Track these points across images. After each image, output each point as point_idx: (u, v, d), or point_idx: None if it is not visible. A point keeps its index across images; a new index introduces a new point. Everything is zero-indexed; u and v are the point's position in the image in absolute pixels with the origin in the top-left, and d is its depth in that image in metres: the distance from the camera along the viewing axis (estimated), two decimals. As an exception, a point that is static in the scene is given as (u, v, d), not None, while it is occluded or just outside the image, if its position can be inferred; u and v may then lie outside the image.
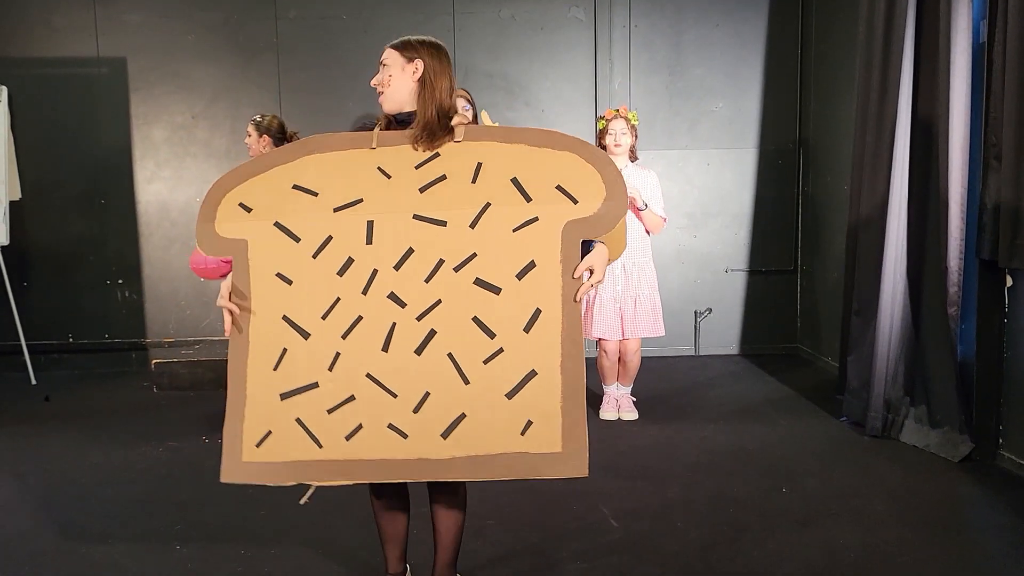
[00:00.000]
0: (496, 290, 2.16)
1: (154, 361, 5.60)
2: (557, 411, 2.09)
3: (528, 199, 2.20)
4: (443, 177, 2.24)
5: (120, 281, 6.16)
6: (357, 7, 6.01)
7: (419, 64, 2.32)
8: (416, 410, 2.15)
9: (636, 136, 4.58)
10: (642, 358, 4.76)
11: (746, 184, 6.24)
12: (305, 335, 2.22)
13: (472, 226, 2.20)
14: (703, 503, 3.37)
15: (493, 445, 2.11)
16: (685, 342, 6.33)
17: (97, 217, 6.08)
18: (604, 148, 4.55)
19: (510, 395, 2.12)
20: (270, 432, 2.21)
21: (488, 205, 2.21)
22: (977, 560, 2.85)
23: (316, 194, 2.28)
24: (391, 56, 2.34)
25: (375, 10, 6.02)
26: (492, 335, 2.15)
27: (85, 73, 6.04)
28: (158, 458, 4.10)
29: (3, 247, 5.72)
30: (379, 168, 2.28)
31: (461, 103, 4.71)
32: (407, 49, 2.34)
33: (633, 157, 4.59)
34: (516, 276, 2.16)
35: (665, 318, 4.73)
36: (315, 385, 2.21)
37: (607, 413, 4.66)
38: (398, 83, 2.33)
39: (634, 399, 4.74)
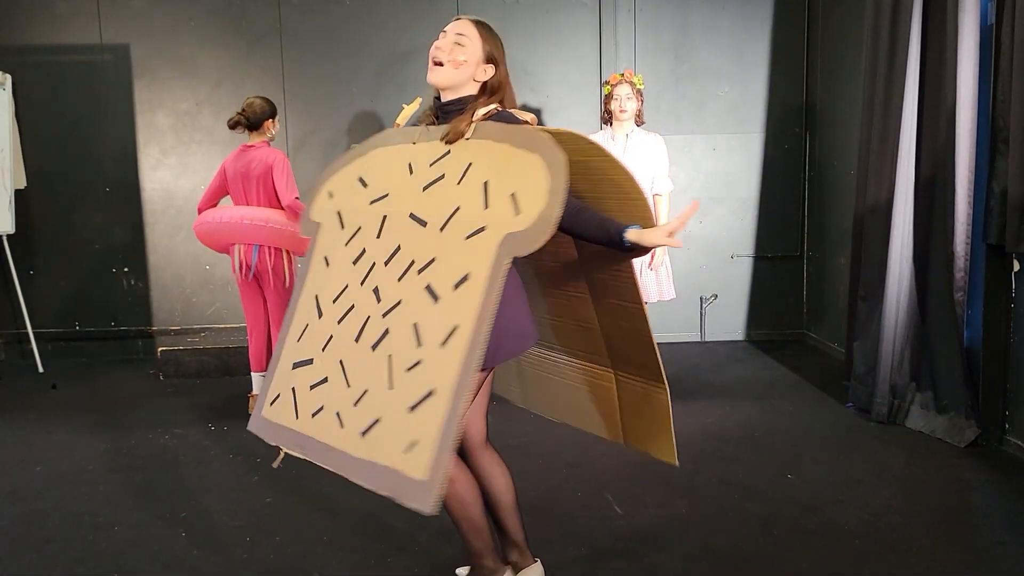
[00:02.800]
0: (436, 298, 2.05)
1: (160, 349, 5.61)
2: (436, 437, 1.91)
3: (486, 206, 2.05)
4: (442, 176, 2.20)
5: (126, 269, 6.16)
6: (360, -8, 5.99)
7: (491, 70, 2.25)
8: (356, 403, 2.11)
9: (642, 100, 4.54)
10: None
11: (752, 169, 6.21)
12: (320, 315, 2.32)
13: (441, 229, 2.11)
14: (708, 489, 3.37)
15: (385, 455, 1.99)
16: (691, 328, 6.32)
17: (102, 205, 6.08)
18: (609, 114, 4.51)
19: (411, 409, 1.99)
20: (279, 395, 2.33)
21: (458, 209, 2.10)
22: (983, 545, 2.84)
23: (367, 186, 2.38)
24: (473, 39, 2.21)
25: (379, -5, 5.99)
26: (420, 344, 2.04)
27: (89, 60, 6.03)
28: (164, 445, 4.11)
29: (9, 235, 5.73)
30: (408, 164, 2.31)
31: None
32: (492, 40, 2.24)
33: (640, 121, 4.55)
34: (453, 286, 2.03)
35: (671, 304, 4.71)
36: (310, 361, 2.29)
37: (612, 399, 4.64)
38: (466, 71, 2.22)
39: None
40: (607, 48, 6.07)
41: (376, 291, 2.20)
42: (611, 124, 4.55)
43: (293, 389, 2.29)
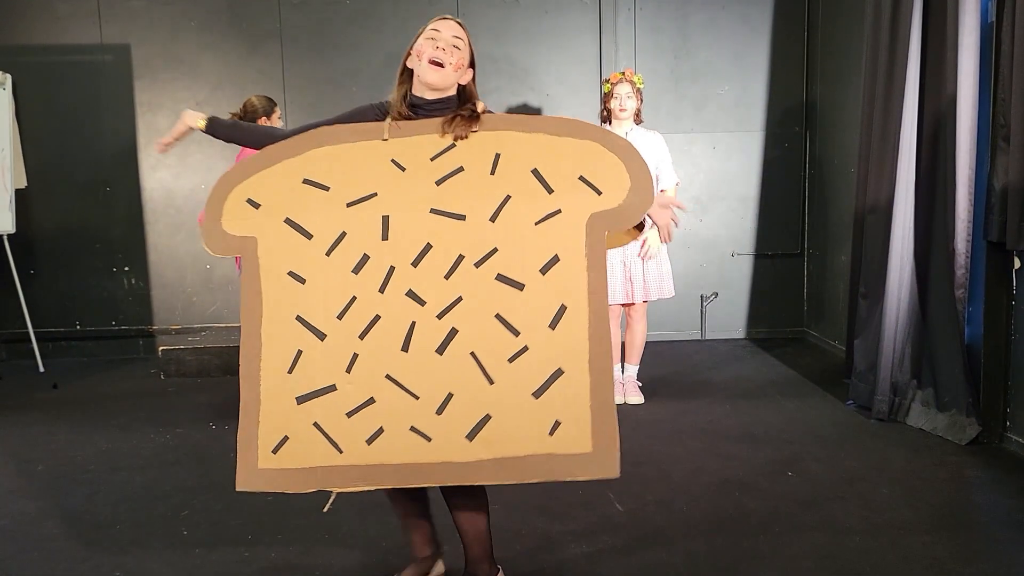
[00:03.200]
0: (519, 286, 2.09)
1: (161, 348, 5.61)
2: (586, 410, 2.02)
3: (550, 191, 2.12)
4: (460, 169, 2.17)
5: (126, 268, 6.17)
6: (360, -8, 5.99)
7: (470, 73, 2.30)
8: (439, 411, 2.09)
9: (642, 100, 4.54)
10: (648, 341, 4.75)
11: (752, 167, 6.21)
12: (321, 336, 2.15)
13: (492, 220, 2.13)
14: (708, 486, 3.37)
15: (520, 447, 2.04)
16: (691, 326, 6.32)
17: (103, 204, 6.09)
18: (609, 112, 4.52)
19: (536, 394, 2.05)
20: (287, 438, 2.14)
21: (508, 198, 2.13)
22: (984, 543, 2.84)
23: (327, 188, 2.20)
24: (463, 36, 2.26)
25: (378, -6, 6.00)
26: (516, 333, 2.08)
27: (89, 60, 6.04)
28: (165, 444, 4.11)
29: (9, 235, 5.74)
30: (393, 160, 2.20)
31: None
32: (472, 47, 2.29)
33: (638, 120, 4.55)
34: (540, 271, 2.09)
35: (671, 302, 4.71)
36: (333, 388, 2.13)
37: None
38: (460, 74, 2.26)
39: (640, 383, 4.73)
40: (607, 48, 6.07)
41: (413, 294, 2.12)
42: (610, 123, 4.55)
43: (317, 424, 2.12)
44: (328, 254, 2.17)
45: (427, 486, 2.20)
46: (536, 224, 2.11)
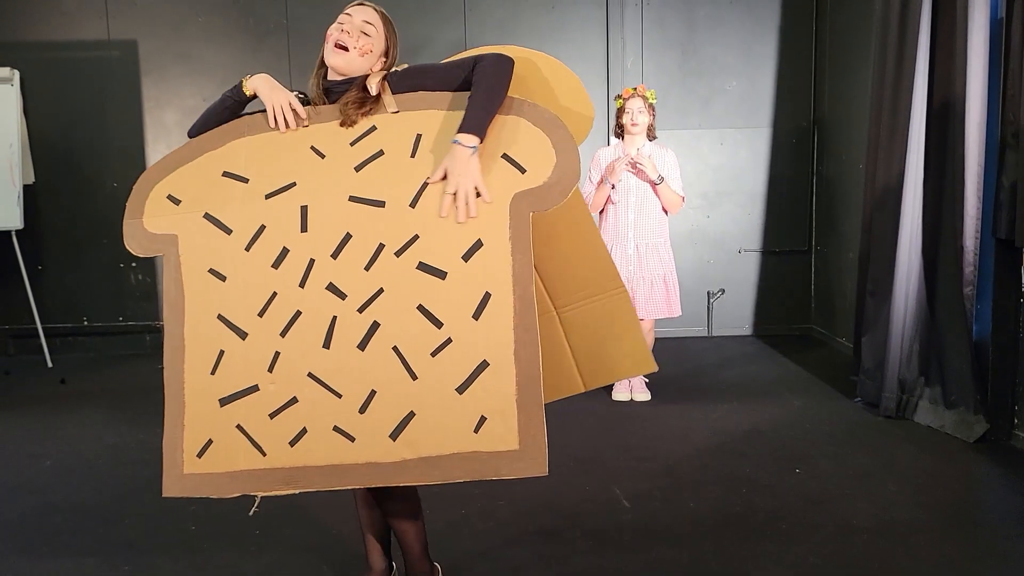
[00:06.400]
0: (441, 274, 1.96)
1: (168, 343, 5.62)
2: (512, 405, 1.89)
3: None
4: (380, 153, 2.05)
5: (133, 264, 6.18)
6: (367, -13, 5.98)
7: (391, 49, 2.20)
8: (362, 410, 1.97)
9: (654, 115, 4.53)
10: (655, 339, 4.75)
11: (760, 163, 6.19)
12: (242, 335, 2.05)
13: (412, 205, 2.00)
14: (716, 483, 3.37)
15: (445, 445, 1.92)
16: (698, 323, 6.31)
17: (110, 200, 6.10)
18: (621, 127, 4.51)
19: (460, 389, 1.92)
20: (211, 441, 2.04)
21: (427, 181, 2.01)
22: (992, 541, 2.83)
23: (247, 180, 2.10)
24: (379, 29, 2.16)
25: (385, -10, 5.99)
26: (439, 324, 1.95)
27: (97, 56, 6.05)
28: (173, 440, 4.12)
29: (18, 231, 5.75)
30: (312, 147, 2.09)
31: None
32: (389, 28, 2.19)
33: (652, 136, 4.55)
34: (462, 258, 1.95)
35: (679, 299, 4.71)
36: (255, 388, 2.03)
37: (619, 394, 4.65)
38: (368, 61, 2.15)
39: (647, 380, 4.73)
40: (614, 43, 6.05)
41: (333, 288, 2.01)
42: (622, 138, 4.54)
43: (240, 426, 2.03)
44: (247, 249, 2.07)
45: (349, 488, 2.09)
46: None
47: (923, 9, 3.97)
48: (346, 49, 2.13)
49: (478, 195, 1.97)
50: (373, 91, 2.11)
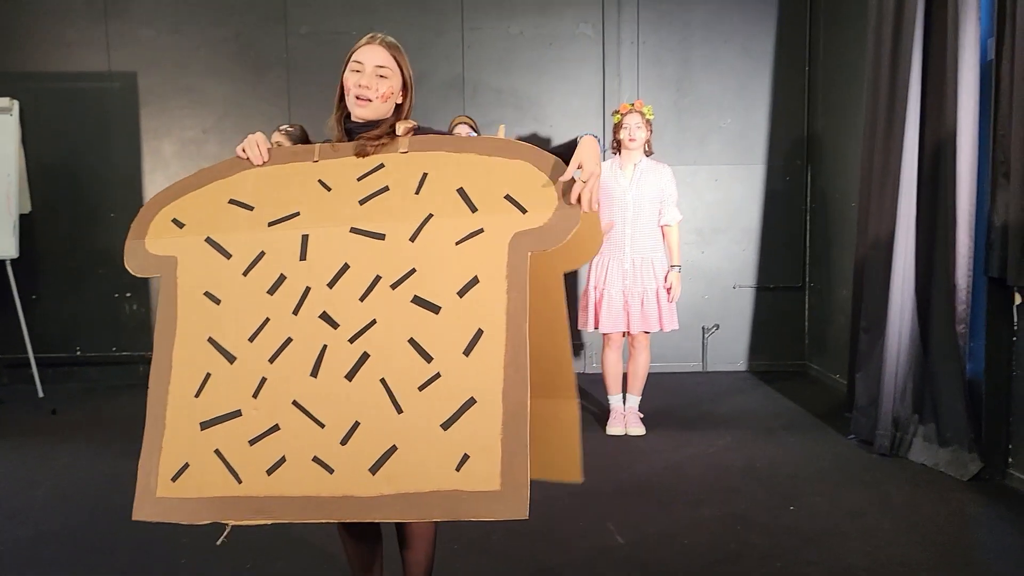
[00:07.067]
0: (435, 309, 1.97)
1: (162, 374, 5.60)
2: (497, 444, 1.85)
3: (474, 209, 2.02)
4: (385, 188, 2.09)
5: (128, 295, 6.18)
6: (367, 23, 6.04)
7: (411, 89, 2.23)
8: (344, 442, 1.94)
9: (651, 131, 4.59)
10: (650, 373, 4.75)
11: (754, 200, 6.24)
12: (231, 358, 2.05)
13: (412, 239, 2.02)
14: (710, 520, 3.35)
15: (425, 482, 1.87)
16: (693, 358, 6.31)
17: (107, 230, 6.12)
18: (619, 143, 4.56)
19: (446, 425, 1.89)
20: (187, 465, 2.02)
21: (430, 216, 2.03)
22: (986, 580, 2.83)
23: (251, 208, 2.13)
24: (393, 69, 2.18)
25: (385, 26, 6.05)
26: (429, 359, 1.94)
27: (96, 87, 6.10)
28: (165, 471, 4.09)
29: (13, 260, 5.75)
30: (320, 181, 2.13)
31: (465, 130, 4.74)
32: (406, 66, 2.21)
33: (648, 151, 4.60)
34: (457, 293, 1.96)
35: (673, 333, 4.72)
36: (238, 413, 2.01)
37: (614, 428, 4.64)
38: (392, 103, 2.19)
39: (641, 415, 4.72)
40: (610, 80, 6.12)
41: (327, 317, 2.02)
42: (619, 153, 4.59)
43: (218, 451, 2.00)
44: (245, 274, 2.08)
45: (342, 521, 2.03)
46: (457, 244, 2.00)
47: (914, 50, 4.03)
48: (369, 100, 2.15)
49: (477, 233, 1.99)
50: (403, 145, 2.14)
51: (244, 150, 2.19)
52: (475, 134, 4.72)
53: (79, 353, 6.22)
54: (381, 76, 2.16)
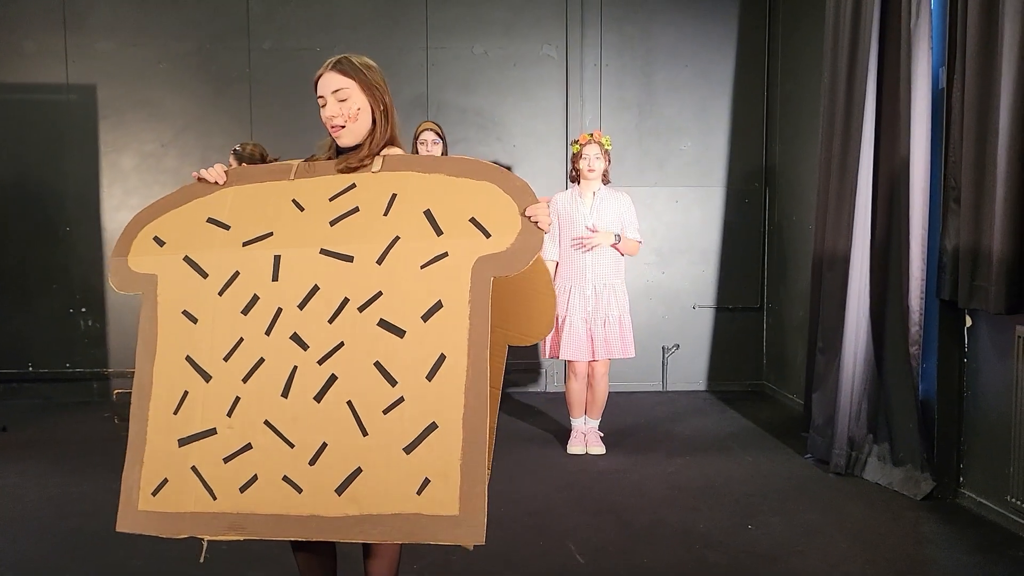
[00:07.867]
0: (400, 332, 1.99)
1: (116, 391, 5.51)
2: (456, 470, 1.88)
3: (439, 232, 2.03)
4: (356, 209, 2.10)
5: (83, 310, 6.07)
6: (331, 40, 6.05)
7: (382, 92, 2.22)
8: (312, 462, 1.98)
9: (610, 160, 4.64)
10: (610, 393, 4.78)
11: (713, 221, 6.32)
12: (207, 377, 2.08)
13: (379, 262, 2.04)
14: (670, 538, 3.37)
15: (387, 504, 1.91)
16: (652, 377, 6.35)
17: (61, 245, 6.00)
18: (577, 172, 4.60)
19: (408, 449, 1.92)
20: (166, 480, 2.06)
21: (397, 239, 2.05)
22: (939, 597, 2.87)
23: (228, 227, 2.17)
24: (350, 86, 2.17)
25: (349, 44, 6.05)
26: (394, 382, 1.97)
27: (54, 100, 6.00)
28: (118, 490, 4.01)
29: (-36, 273, 5.63)
30: (294, 200, 2.15)
31: (431, 136, 4.75)
32: (364, 74, 2.20)
33: (606, 180, 4.65)
34: (421, 317, 1.98)
35: (632, 340, 4.75)
36: (213, 431, 2.05)
37: (574, 447, 4.65)
38: (365, 116, 2.19)
39: (601, 434, 4.74)
40: (573, 102, 6.18)
41: (297, 338, 2.05)
42: (578, 183, 4.64)
43: (195, 468, 2.04)
44: (220, 294, 2.12)
45: (297, 539, 2.06)
46: (422, 267, 2.02)
47: (869, 78, 4.12)
48: (344, 126, 2.18)
49: (442, 256, 2.00)
50: (374, 164, 2.15)
51: (203, 172, 2.23)
52: (441, 141, 4.74)
53: (31, 369, 6.08)
54: (341, 100, 2.18)
